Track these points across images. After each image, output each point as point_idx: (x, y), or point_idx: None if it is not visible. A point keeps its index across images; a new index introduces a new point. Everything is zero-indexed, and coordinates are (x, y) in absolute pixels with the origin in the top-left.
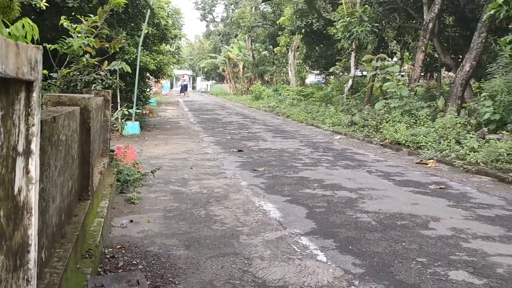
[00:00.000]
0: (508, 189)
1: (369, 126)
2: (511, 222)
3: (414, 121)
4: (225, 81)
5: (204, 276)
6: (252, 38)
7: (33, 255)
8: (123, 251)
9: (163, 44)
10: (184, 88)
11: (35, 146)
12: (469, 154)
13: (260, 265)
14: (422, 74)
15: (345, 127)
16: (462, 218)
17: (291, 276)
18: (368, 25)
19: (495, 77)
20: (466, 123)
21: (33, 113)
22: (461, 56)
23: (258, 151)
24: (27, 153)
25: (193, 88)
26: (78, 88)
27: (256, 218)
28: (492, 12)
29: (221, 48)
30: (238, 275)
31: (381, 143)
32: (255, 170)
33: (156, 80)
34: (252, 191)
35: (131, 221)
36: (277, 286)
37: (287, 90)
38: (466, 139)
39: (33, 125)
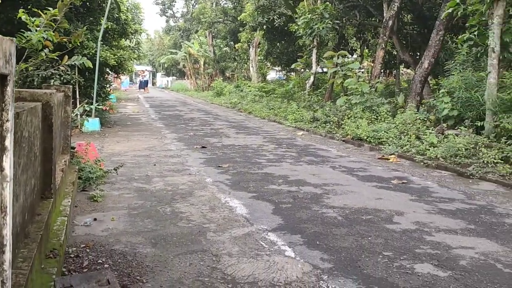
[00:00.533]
0: (467, 183)
1: (331, 122)
2: (472, 215)
3: (375, 117)
4: (186, 77)
5: (172, 274)
6: (213, 34)
7: (8, 255)
8: (88, 250)
9: (123, 39)
10: (144, 84)
11: (9, 142)
12: (429, 150)
13: (228, 262)
14: (382, 71)
15: (307, 123)
16: (425, 212)
17: (260, 272)
18: (329, 22)
19: (453, 74)
20: (425, 119)
21: (7, 108)
22: (418, 54)
23: (221, 147)
24: (1, 149)
25: (153, 84)
26: (35, 83)
27: (223, 214)
28: (450, 10)
29: (182, 43)
30: (207, 272)
31: (343, 139)
32: (219, 166)
33: (116, 75)
34: (217, 188)
35: (95, 219)
36: (246, 283)
37: (249, 86)
38: (426, 135)
39: (7, 120)
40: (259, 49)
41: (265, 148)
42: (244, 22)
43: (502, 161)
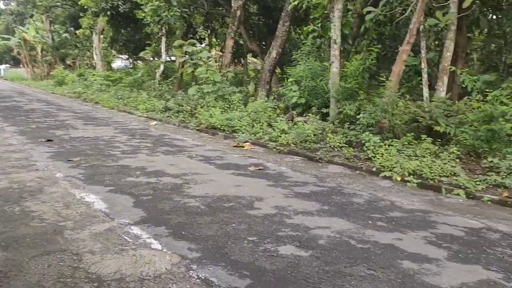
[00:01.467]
0: (317, 167)
1: (184, 112)
2: (324, 197)
3: (228, 105)
4: (21, 65)
5: (29, 277)
6: (51, 19)
7: None
8: None
9: None
10: None
11: None
12: (280, 136)
13: (91, 260)
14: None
15: (159, 113)
16: (283, 196)
17: (127, 268)
18: (177, 10)
19: (300, 64)
20: (275, 107)
21: None
22: (264, 43)
23: (69, 140)
24: None
25: None
26: None
27: (79, 211)
28: (295, 3)
29: (15, 29)
30: (68, 273)
31: (197, 128)
32: (70, 160)
33: None
34: (70, 183)
35: None
36: (113, 280)
37: (94, 75)
38: (277, 122)
39: None
40: (103, 36)
41: (118, 139)
42: (85, 7)
43: (346, 145)
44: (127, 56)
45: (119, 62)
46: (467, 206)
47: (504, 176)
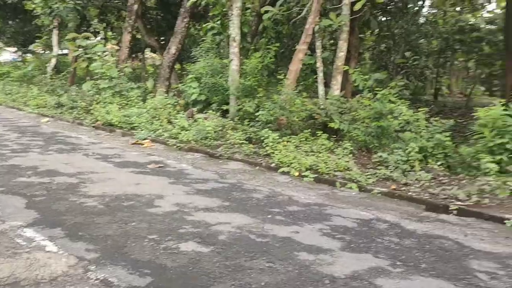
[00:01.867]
0: (218, 163)
1: (79, 108)
2: (225, 193)
3: (125, 102)
4: None
5: None
6: None
7: None
8: None
9: None
10: None
11: None
12: (180, 133)
13: None
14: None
15: (52, 109)
16: (184, 193)
17: (21, 272)
18: (70, 1)
19: (199, 61)
20: (175, 103)
21: None
22: (163, 38)
23: None
24: None
25: None
26: None
27: None
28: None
29: None
30: None
31: (93, 125)
32: None
33: None
34: None
35: None
36: (7, 284)
37: None
38: (177, 119)
39: None
40: None
41: (6, 137)
42: None
43: (246, 142)
44: (16, 49)
45: (7, 55)
46: (359, 199)
47: (392, 170)
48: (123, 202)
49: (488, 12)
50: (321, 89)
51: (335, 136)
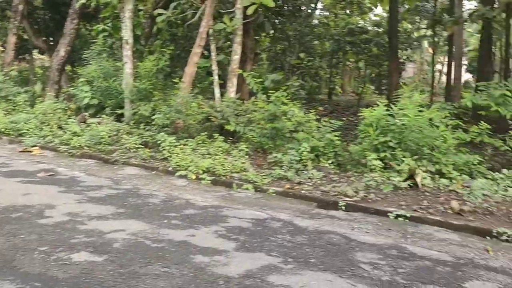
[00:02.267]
0: (112, 169)
1: None
2: (120, 200)
3: (12, 107)
4: None
5: None
6: None
7: None
8: None
9: None
10: None
11: None
12: (72, 139)
13: None
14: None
15: None
16: (76, 202)
17: None
18: None
19: (91, 63)
20: (66, 108)
21: None
22: (52, 39)
23: None
24: None
25: None
26: None
27: None
28: (84, 0)
29: None
30: None
31: None
32: None
33: None
34: None
35: None
36: None
37: None
38: (68, 124)
39: None
40: None
41: None
42: None
43: (142, 146)
44: None
45: None
46: (255, 199)
47: (286, 170)
48: (11, 214)
49: (375, 15)
50: (217, 91)
51: (231, 138)
